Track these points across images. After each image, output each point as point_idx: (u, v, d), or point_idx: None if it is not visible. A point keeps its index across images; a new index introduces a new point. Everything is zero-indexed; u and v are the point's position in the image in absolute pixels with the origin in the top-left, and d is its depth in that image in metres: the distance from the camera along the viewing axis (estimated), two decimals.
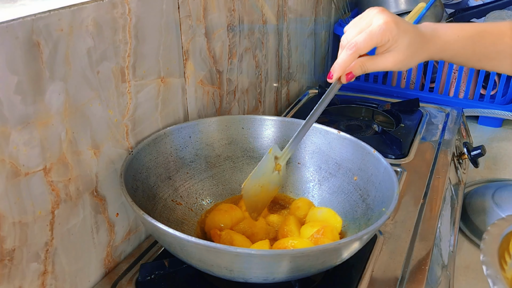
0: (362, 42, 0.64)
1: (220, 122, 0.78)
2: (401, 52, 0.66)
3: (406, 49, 0.66)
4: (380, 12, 0.65)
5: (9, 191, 0.49)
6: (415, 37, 0.67)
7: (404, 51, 0.66)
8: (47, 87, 0.50)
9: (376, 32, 0.64)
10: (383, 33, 0.64)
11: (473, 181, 1.08)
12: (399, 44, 0.65)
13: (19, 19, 0.46)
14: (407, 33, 0.66)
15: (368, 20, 0.65)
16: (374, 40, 0.64)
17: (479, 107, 1.28)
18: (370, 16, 0.66)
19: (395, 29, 0.64)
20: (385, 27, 0.64)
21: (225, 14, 0.82)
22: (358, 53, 0.64)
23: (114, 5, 0.57)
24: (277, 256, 0.51)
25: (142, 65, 0.64)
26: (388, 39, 0.64)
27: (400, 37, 0.65)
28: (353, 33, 0.66)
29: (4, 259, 0.50)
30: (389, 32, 0.64)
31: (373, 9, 0.66)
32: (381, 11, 0.65)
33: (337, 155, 0.75)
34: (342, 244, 0.52)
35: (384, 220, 0.55)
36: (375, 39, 0.64)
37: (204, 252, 0.52)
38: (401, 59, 0.66)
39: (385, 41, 0.64)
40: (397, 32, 0.65)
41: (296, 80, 1.24)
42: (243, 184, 0.63)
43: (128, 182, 0.60)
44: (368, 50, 0.65)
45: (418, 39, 0.67)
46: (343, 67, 0.66)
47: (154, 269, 0.63)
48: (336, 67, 0.67)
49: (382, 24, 0.64)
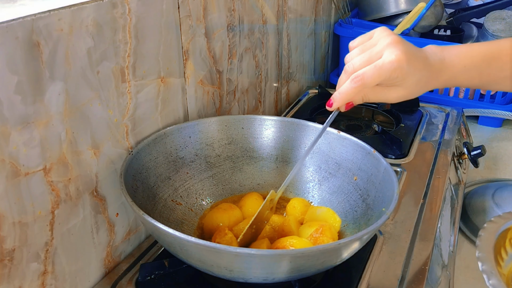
0: (370, 77, 0.60)
1: (220, 122, 0.78)
2: (407, 89, 0.63)
3: (412, 86, 0.63)
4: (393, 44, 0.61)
5: (9, 191, 0.49)
6: (424, 73, 0.64)
7: (410, 88, 0.64)
8: (47, 87, 0.50)
9: (387, 69, 0.60)
10: (393, 71, 0.61)
11: (473, 181, 1.08)
12: (407, 82, 0.63)
13: (19, 19, 0.46)
14: (417, 71, 0.63)
15: (378, 49, 0.62)
16: (382, 76, 0.61)
17: (479, 107, 1.28)
18: (381, 44, 0.62)
19: (405, 68, 0.61)
20: (396, 65, 0.60)
21: (225, 14, 0.82)
22: (364, 87, 0.61)
23: (114, 5, 0.57)
24: (277, 256, 0.51)
25: (142, 65, 0.64)
26: (397, 76, 0.61)
27: (410, 75, 0.62)
28: (360, 60, 0.62)
29: (4, 259, 0.50)
30: (399, 70, 0.61)
31: (386, 36, 0.62)
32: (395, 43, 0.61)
33: (337, 155, 0.75)
34: (342, 244, 0.52)
35: (384, 220, 0.55)
36: (384, 76, 0.61)
37: (204, 252, 0.52)
38: (405, 94, 0.64)
39: (393, 78, 0.61)
40: (407, 71, 0.61)
41: (296, 80, 1.24)
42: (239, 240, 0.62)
43: (128, 182, 0.60)
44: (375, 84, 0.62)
45: (427, 74, 0.64)
46: (345, 99, 0.63)
47: (154, 269, 0.63)
48: (338, 97, 0.63)
49: (394, 61, 0.60)
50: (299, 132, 0.78)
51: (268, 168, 0.80)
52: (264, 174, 0.80)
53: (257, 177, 0.79)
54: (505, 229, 0.59)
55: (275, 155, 0.80)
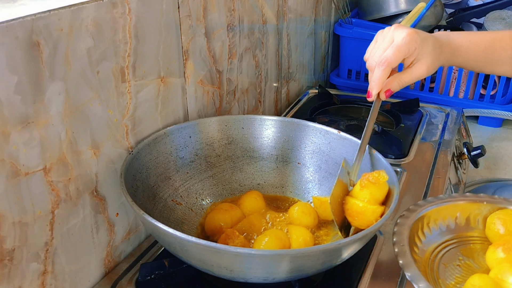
0: (392, 56, 0.67)
1: (220, 122, 0.78)
2: (429, 57, 0.70)
3: (431, 53, 0.70)
4: (397, 27, 0.69)
5: (9, 191, 0.49)
6: (435, 41, 0.71)
7: (431, 55, 0.70)
8: (47, 87, 0.50)
9: (402, 44, 0.67)
10: (408, 44, 0.68)
11: (473, 181, 1.08)
12: (425, 51, 0.69)
13: (19, 19, 0.46)
14: (428, 39, 0.70)
15: (389, 38, 0.69)
16: (402, 52, 0.68)
17: (479, 107, 1.28)
18: (389, 34, 0.70)
19: (418, 38, 0.68)
20: (409, 38, 0.68)
21: (225, 14, 0.82)
22: (391, 66, 0.68)
23: (114, 5, 0.57)
24: (277, 256, 0.51)
25: (142, 65, 0.64)
26: (415, 48, 0.68)
27: (424, 44, 0.69)
28: (376, 51, 0.70)
29: (4, 259, 0.50)
30: (413, 41, 0.68)
31: (389, 28, 0.71)
32: (398, 27, 0.70)
33: (337, 155, 0.75)
34: (342, 244, 0.52)
35: (384, 220, 0.55)
36: (403, 51, 0.68)
37: (204, 252, 0.52)
38: (431, 63, 0.70)
39: (412, 50, 0.68)
40: (420, 40, 0.69)
41: (296, 80, 1.24)
42: (329, 198, 0.62)
43: (128, 182, 0.60)
44: (399, 62, 0.69)
45: (437, 43, 0.71)
46: (379, 83, 0.69)
47: (154, 269, 0.63)
48: (373, 84, 0.70)
49: (405, 36, 0.68)
50: (299, 132, 0.78)
51: (268, 168, 0.80)
52: (264, 174, 0.80)
53: (257, 177, 0.79)
54: (417, 219, 0.63)
55: (275, 155, 0.80)
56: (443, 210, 0.66)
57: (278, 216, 0.71)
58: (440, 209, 0.66)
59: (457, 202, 0.67)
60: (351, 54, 1.38)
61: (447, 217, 0.66)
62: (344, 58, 1.41)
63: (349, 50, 1.39)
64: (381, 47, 0.69)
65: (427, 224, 0.64)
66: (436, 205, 0.66)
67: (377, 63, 0.68)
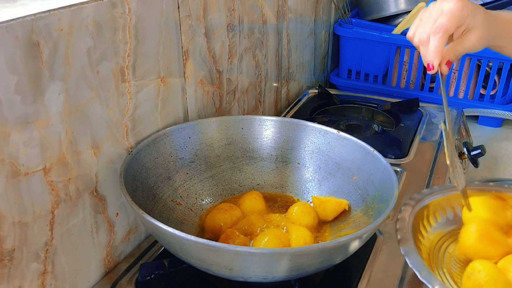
0: (447, 21, 0.64)
1: (219, 123, 0.78)
2: (481, 27, 0.66)
3: (483, 23, 0.66)
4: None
5: (9, 191, 0.49)
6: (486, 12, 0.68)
7: (483, 25, 0.66)
8: (47, 87, 0.50)
9: (456, 9, 0.64)
10: (462, 9, 0.64)
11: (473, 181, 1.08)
12: (477, 19, 0.66)
13: (19, 19, 0.46)
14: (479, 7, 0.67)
15: (437, 9, 0.65)
16: (456, 17, 0.64)
17: (479, 107, 1.28)
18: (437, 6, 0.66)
19: (470, 5, 0.65)
20: (461, 4, 0.64)
21: (225, 14, 0.82)
22: (447, 33, 0.64)
23: (114, 5, 0.57)
24: (277, 255, 0.51)
25: (142, 65, 0.65)
26: (468, 14, 0.64)
27: (476, 11, 0.65)
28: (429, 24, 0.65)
29: (4, 259, 0.50)
30: (466, 7, 0.64)
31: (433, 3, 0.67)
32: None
33: (337, 155, 0.75)
34: (342, 243, 0.52)
35: (383, 218, 0.55)
36: (457, 16, 0.64)
37: (204, 251, 0.52)
38: (482, 33, 0.66)
39: (465, 16, 0.64)
40: (472, 7, 0.65)
41: (296, 80, 1.24)
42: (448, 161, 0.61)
43: (128, 182, 0.60)
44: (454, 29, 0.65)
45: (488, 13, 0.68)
46: (439, 51, 0.65)
47: (154, 269, 0.63)
48: (432, 55, 0.65)
49: (457, 2, 0.64)
50: (299, 132, 0.78)
51: (268, 168, 0.80)
52: (264, 174, 0.80)
53: (257, 177, 0.79)
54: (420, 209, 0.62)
55: (275, 155, 0.80)
56: (450, 199, 0.64)
57: (278, 216, 0.71)
58: (447, 198, 0.64)
59: None
60: (351, 54, 1.38)
61: (454, 206, 0.65)
62: (344, 58, 1.41)
63: (349, 50, 1.39)
64: (431, 19, 0.65)
65: (433, 213, 0.63)
66: (443, 193, 0.64)
67: (432, 32, 0.64)
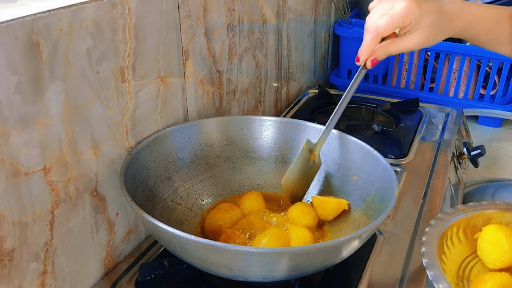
0: (383, 25, 0.65)
1: (219, 123, 0.78)
2: (423, 33, 0.67)
3: (428, 29, 0.67)
4: None
5: (9, 191, 0.49)
6: (438, 16, 0.67)
7: (426, 31, 0.67)
8: (46, 87, 0.50)
9: (398, 14, 0.65)
10: (404, 16, 0.65)
11: (473, 181, 1.08)
12: (421, 25, 0.66)
13: (19, 19, 0.46)
14: (429, 13, 0.66)
15: (391, 2, 0.66)
16: (395, 23, 0.65)
17: (479, 107, 1.29)
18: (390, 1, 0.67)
19: (417, 11, 0.65)
20: (406, 10, 0.65)
21: (225, 14, 0.82)
22: (380, 36, 0.66)
23: (114, 5, 0.57)
24: (277, 254, 0.51)
25: (142, 65, 0.65)
26: (410, 21, 0.65)
27: (422, 18, 0.66)
28: (376, 15, 0.67)
29: (3, 259, 0.50)
30: (411, 14, 0.65)
31: None
32: None
33: (337, 155, 0.75)
34: (342, 242, 0.52)
35: (383, 218, 0.55)
36: (397, 22, 0.65)
37: (204, 251, 0.52)
38: (423, 39, 0.67)
39: (407, 23, 0.65)
40: (419, 14, 0.65)
41: (296, 80, 1.24)
42: (282, 181, 0.65)
43: (127, 182, 0.60)
44: (390, 33, 0.67)
45: (441, 18, 0.68)
46: (367, 50, 0.68)
47: (154, 269, 0.63)
48: (361, 50, 0.69)
49: (404, 7, 0.65)
50: (299, 132, 0.78)
51: (267, 168, 0.80)
52: (263, 174, 0.80)
53: (257, 177, 0.79)
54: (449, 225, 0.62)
55: (275, 155, 0.80)
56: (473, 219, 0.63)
57: (277, 216, 0.71)
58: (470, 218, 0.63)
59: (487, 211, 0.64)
60: (351, 54, 1.38)
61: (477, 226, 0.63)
62: (344, 58, 1.41)
63: (349, 50, 1.39)
64: (379, 11, 0.67)
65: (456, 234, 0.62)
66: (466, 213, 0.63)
67: (368, 30, 0.67)
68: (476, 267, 0.61)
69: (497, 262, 0.58)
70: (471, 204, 0.65)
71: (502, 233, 0.58)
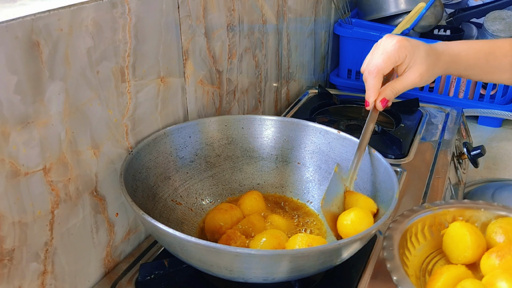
0: (382, 63, 0.68)
1: (219, 122, 0.78)
2: (422, 64, 0.69)
3: (425, 59, 0.69)
4: (387, 36, 0.70)
5: (9, 191, 0.49)
6: (429, 48, 0.70)
7: (424, 62, 0.69)
8: (46, 87, 0.50)
9: (392, 51, 0.68)
10: (398, 50, 0.68)
11: (473, 181, 1.08)
12: (417, 57, 0.69)
13: (19, 19, 0.46)
14: (420, 46, 0.69)
15: (380, 48, 0.69)
16: (392, 58, 0.68)
17: (479, 107, 1.28)
18: (381, 44, 0.70)
19: (408, 45, 0.68)
20: (398, 45, 0.68)
21: (225, 14, 0.82)
22: (381, 74, 0.68)
23: (114, 4, 0.57)
24: (277, 256, 0.51)
25: (142, 65, 0.64)
26: (406, 55, 0.68)
27: (415, 50, 0.69)
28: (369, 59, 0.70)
29: (3, 259, 0.50)
30: (403, 48, 0.68)
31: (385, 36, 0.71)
32: (388, 36, 0.70)
33: (337, 155, 0.75)
34: (342, 244, 0.52)
35: (384, 220, 0.55)
36: (393, 58, 0.68)
37: (204, 252, 0.52)
38: (424, 70, 0.69)
39: (403, 57, 0.68)
40: (411, 47, 0.68)
41: (296, 80, 1.24)
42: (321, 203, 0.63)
43: (127, 182, 0.60)
44: (389, 69, 0.69)
45: (432, 50, 0.71)
46: (374, 91, 0.70)
47: (154, 269, 0.63)
48: (368, 93, 0.71)
49: (395, 43, 0.68)
50: (299, 132, 0.78)
51: (268, 168, 0.80)
52: (264, 174, 0.80)
53: (257, 177, 0.79)
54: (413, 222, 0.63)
55: (275, 155, 0.80)
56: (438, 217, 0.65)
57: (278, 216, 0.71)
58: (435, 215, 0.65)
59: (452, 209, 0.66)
60: (351, 54, 1.38)
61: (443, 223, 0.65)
62: (344, 58, 1.41)
63: (349, 50, 1.39)
64: (374, 58, 0.70)
65: (421, 231, 0.64)
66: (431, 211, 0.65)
67: (368, 72, 0.69)
68: (440, 262, 0.63)
69: (460, 257, 0.60)
70: (437, 202, 0.67)
71: (466, 230, 0.61)
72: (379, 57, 0.68)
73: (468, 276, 0.56)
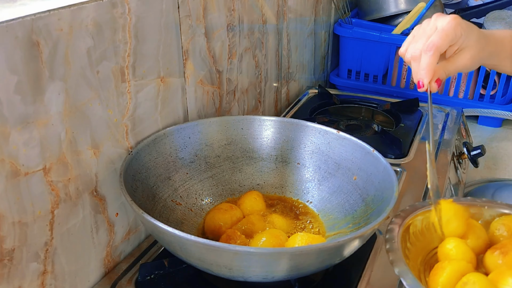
0: (439, 40, 0.63)
1: (219, 123, 0.78)
2: (474, 47, 0.66)
3: (477, 42, 0.66)
4: (440, 15, 0.66)
5: (9, 191, 0.49)
6: (479, 31, 0.67)
7: (476, 44, 0.66)
8: (46, 87, 0.50)
9: (449, 28, 0.64)
10: (455, 28, 0.64)
11: (473, 181, 1.08)
12: (470, 39, 0.66)
13: (19, 19, 0.46)
14: (473, 27, 0.66)
15: (431, 26, 0.65)
16: (449, 36, 0.64)
17: (479, 107, 1.28)
18: (431, 23, 0.66)
19: (464, 24, 0.65)
20: (455, 22, 0.64)
21: (225, 14, 0.82)
22: (439, 51, 0.64)
23: (114, 4, 0.57)
24: (276, 254, 0.51)
25: (142, 65, 0.65)
26: (461, 34, 0.64)
27: (470, 30, 0.65)
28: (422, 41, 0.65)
29: (3, 259, 0.50)
30: (459, 26, 0.64)
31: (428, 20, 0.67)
32: (440, 14, 0.66)
33: (337, 155, 0.75)
34: (342, 242, 0.52)
35: (382, 218, 0.55)
36: (451, 35, 0.64)
37: (204, 251, 0.52)
38: (475, 53, 0.66)
39: (458, 36, 0.65)
40: (467, 26, 0.65)
41: (296, 80, 1.24)
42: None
43: (127, 182, 0.60)
44: (446, 48, 0.65)
45: (482, 34, 0.68)
46: (430, 69, 0.64)
47: (153, 269, 0.63)
48: (423, 72, 0.65)
49: (451, 20, 0.64)
50: (299, 132, 0.78)
51: (267, 168, 0.80)
52: (263, 174, 0.80)
53: (257, 177, 0.79)
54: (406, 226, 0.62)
55: (275, 155, 0.80)
56: None
57: (278, 216, 0.71)
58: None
59: None
60: (351, 54, 1.38)
61: None
62: (344, 58, 1.41)
63: (349, 50, 1.39)
64: (424, 36, 0.65)
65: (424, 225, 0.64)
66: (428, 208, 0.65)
67: (424, 50, 0.64)
68: None
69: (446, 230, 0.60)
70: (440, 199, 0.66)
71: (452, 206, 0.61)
72: (434, 35, 0.64)
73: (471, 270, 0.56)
